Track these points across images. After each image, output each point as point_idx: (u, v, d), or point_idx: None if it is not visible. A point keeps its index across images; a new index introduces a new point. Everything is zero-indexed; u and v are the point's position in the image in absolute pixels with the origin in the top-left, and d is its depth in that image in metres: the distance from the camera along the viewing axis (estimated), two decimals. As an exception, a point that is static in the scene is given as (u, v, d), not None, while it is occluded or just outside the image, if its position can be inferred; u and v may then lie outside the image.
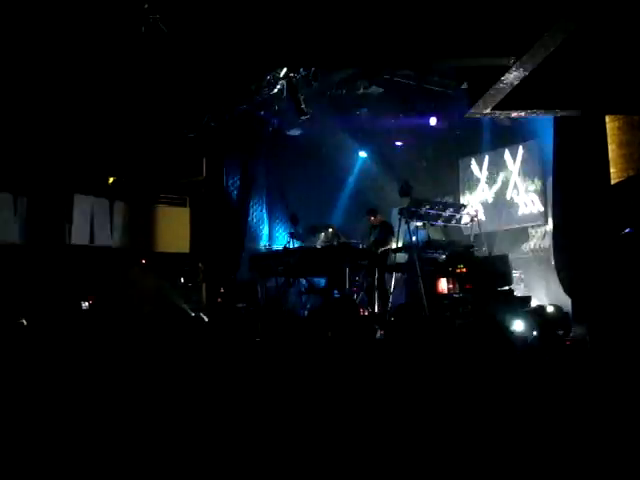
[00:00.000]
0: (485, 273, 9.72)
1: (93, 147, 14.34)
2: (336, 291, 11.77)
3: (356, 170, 16.81)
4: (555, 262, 10.36)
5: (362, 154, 16.35)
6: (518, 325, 8.26)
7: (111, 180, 15.72)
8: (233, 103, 13.88)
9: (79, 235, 14.64)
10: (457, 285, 10.18)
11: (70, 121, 13.76)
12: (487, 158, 15.00)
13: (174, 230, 16.29)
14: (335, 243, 12.24)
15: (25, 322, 9.45)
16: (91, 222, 14.86)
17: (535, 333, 8.04)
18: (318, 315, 7.60)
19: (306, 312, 11.65)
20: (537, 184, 13.71)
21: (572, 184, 8.92)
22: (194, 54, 10.82)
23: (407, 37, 7.26)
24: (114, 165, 15.38)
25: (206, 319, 11.20)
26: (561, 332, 8.29)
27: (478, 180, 15.23)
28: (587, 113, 8.09)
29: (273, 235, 17.14)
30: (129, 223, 15.55)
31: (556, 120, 9.66)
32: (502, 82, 7.15)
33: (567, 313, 8.89)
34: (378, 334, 8.59)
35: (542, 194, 13.49)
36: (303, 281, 12.60)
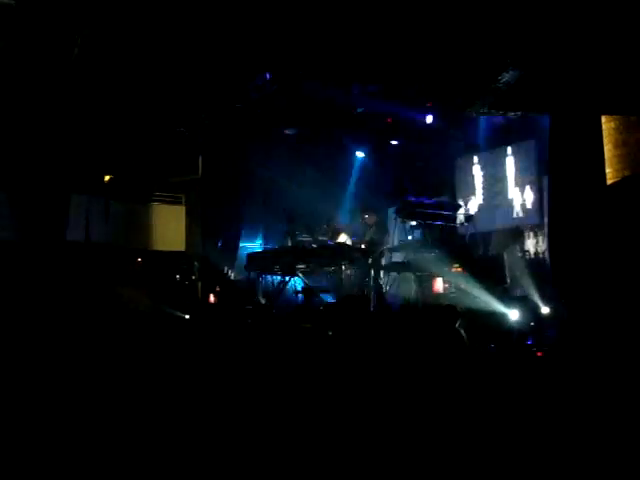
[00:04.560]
0: (480, 273, 9.73)
1: (89, 145, 14.30)
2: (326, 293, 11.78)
3: (353, 169, 16.79)
4: (550, 262, 10.37)
5: (359, 154, 16.32)
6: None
7: (107, 178, 15.70)
8: (229, 101, 13.87)
9: (74, 233, 14.60)
10: (452, 285, 10.19)
11: (65, 119, 13.73)
12: (483, 157, 14.98)
13: (170, 228, 16.28)
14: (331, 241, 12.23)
15: (24, 319, 9.42)
16: (87, 220, 14.82)
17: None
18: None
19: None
20: (533, 184, 13.71)
21: (568, 184, 8.92)
22: (190, 53, 10.83)
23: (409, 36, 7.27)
24: (110, 163, 15.36)
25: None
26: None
27: (474, 179, 15.22)
28: (583, 113, 8.10)
29: (269, 234, 17.10)
30: (125, 221, 15.54)
31: (552, 120, 9.66)
32: (498, 82, 7.16)
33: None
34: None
35: (538, 194, 13.48)
36: (299, 280, 12.59)
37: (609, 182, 8.70)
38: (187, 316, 11.01)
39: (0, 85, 11.97)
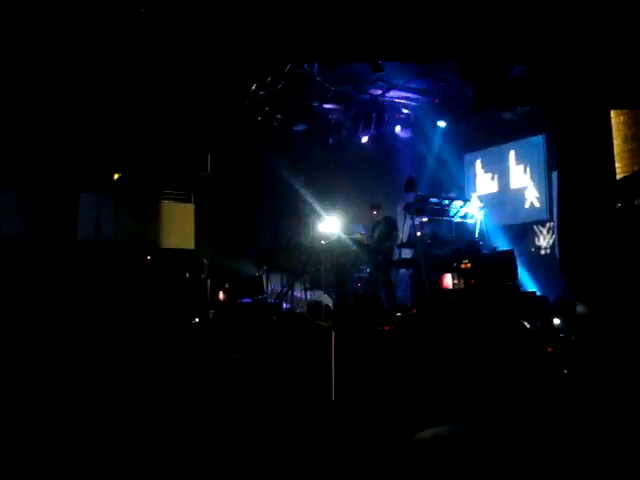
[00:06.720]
0: (490, 269, 9.69)
1: (98, 144, 14.36)
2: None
3: (360, 164, 16.78)
4: (560, 258, 10.33)
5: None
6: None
7: (116, 177, 15.75)
8: (237, 99, 13.88)
9: (84, 232, 14.68)
10: (462, 281, 10.15)
11: (75, 118, 13.79)
12: (492, 153, 14.96)
13: (179, 226, 16.32)
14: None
15: (33, 317, 9.46)
16: (96, 219, 14.88)
17: None
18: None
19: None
20: (542, 179, 13.67)
21: (577, 179, 8.89)
22: (198, 50, 10.84)
23: (412, 34, 7.24)
24: (119, 162, 15.41)
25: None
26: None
27: (483, 175, 15.20)
28: (591, 107, 8.07)
29: (278, 231, 17.11)
30: (134, 219, 15.58)
31: (560, 114, 9.61)
32: (507, 77, 7.14)
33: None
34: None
35: (547, 189, 13.45)
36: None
37: (618, 177, 8.66)
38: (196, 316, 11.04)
39: (11, 85, 12.02)
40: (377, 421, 2.98)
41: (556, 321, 8.51)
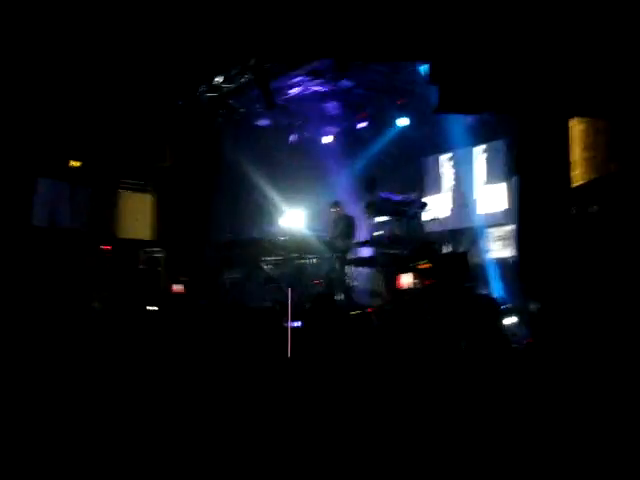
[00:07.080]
0: (445, 270, 9.75)
1: (55, 130, 14.12)
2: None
3: (322, 161, 16.78)
4: (519, 261, 10.44)
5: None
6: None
7: (75, 164, 15.48)
8: (200, 90, 13.75)
9: (39, 219, 14.43)
10: (417, 281, 10.19)
11: (32, 103, 13.54)
12: (453, 156, 15.03)
13: (136, 216, 16.11)
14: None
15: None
16: (51, 206, 14.64)
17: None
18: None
19: (269, 303, 11.58)
20: (502, 184, 13.78)
21: (534, 185, 9.00)
22: (161, 40, 10.72)
23: (379, 33, 7.24)
24: (76, 149, 15.15)
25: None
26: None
27: (444, 177, 15.26)
28: (551, 115, 8.16)
29: (239, 225, 17.00)
30: (90, 208, 15.36)
31: (520, 121, 9.74)
32: (469, 81, 7.17)
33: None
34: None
35: (507, 194, 13.56)
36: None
37: (577, 184, 8.77)
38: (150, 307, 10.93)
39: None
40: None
41: (511, 320, 8.63)
